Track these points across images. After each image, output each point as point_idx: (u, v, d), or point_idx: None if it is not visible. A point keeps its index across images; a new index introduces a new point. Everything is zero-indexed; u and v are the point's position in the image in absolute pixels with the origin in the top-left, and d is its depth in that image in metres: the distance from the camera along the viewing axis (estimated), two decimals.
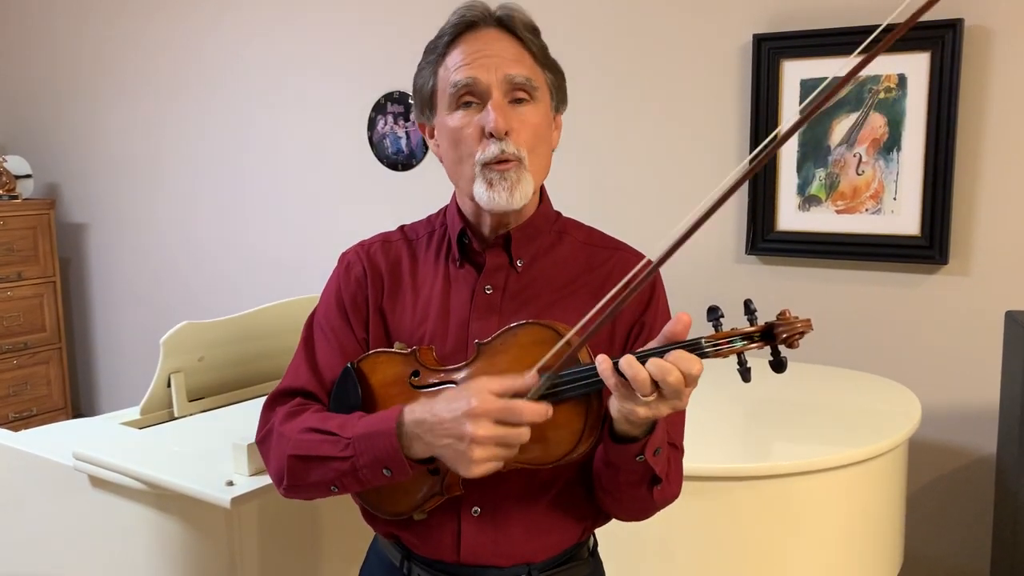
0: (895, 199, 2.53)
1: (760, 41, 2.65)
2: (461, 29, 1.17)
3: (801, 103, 2.62)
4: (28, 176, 4.33)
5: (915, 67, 2.46)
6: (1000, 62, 2.39)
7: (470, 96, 1.15)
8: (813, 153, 2.63)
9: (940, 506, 2.62)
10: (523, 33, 1.18)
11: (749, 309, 1.03)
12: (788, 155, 2.66)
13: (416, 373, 1.17)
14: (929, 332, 2.56)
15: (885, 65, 2.50)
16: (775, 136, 0.88)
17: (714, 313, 1.03)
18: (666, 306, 1.26)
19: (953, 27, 2.38)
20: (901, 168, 2.52)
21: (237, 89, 3.80)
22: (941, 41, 2.40)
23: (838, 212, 2.61)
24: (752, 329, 1.02)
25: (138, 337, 4.34)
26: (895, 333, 2.60)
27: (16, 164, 4.29)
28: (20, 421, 4.16)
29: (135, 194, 4.22)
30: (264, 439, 1.23)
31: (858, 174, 2.58)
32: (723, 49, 2.75)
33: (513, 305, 1.21)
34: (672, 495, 1.20)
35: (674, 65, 2.83)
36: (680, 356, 0.98)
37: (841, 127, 2.58)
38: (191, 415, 2.21)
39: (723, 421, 2.10)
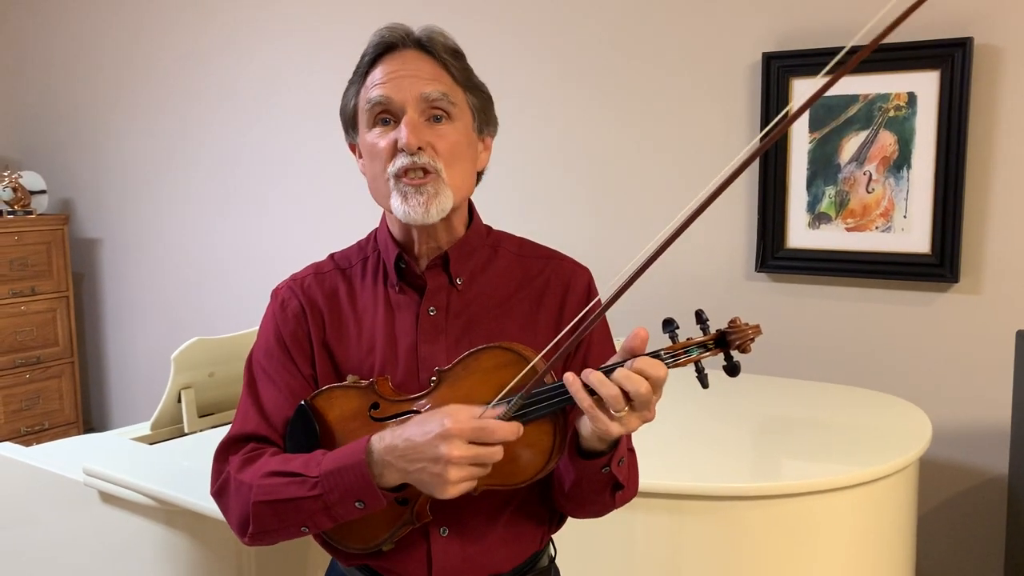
0: (905, 217, 2.53)
1: (769, 59, 2.66)
2: (380, 50, 1.19)
3: (810, 121, 2.62)
4: (43, 192, 4.37)
5: (925, 85, 2.46)
6: (1009, 80, 2.39)
7: (386, 113, 1.16)
8: (823, 171, 2.63)
9: (951, 526, 2.60)
10: (442, 55, 1.18)
11: (701, 319, 1.08)
12: (798, 173, 2.67)
13: (376, 405, 1.15)
14: (940, 351, 2.55)
15: (895, 83, 2.50)
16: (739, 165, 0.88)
17: (670, 326, 1.07)
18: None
19: (962, 46, 2.38)
20: (911, 186, 2.51)
21: (249, 105, 3.84)
22: (951, 59, 2.40)
23: (848, 230, 2.61)
24: (706, 338, 1.07)
25: (150, 352, 4.36)
26: (905, 351, 2.59)
27: (31, 180, 4.33)
28: (32, 435, 4.19)
29: (148, 210, 4.25)
30: (221, 490, 1.19)
31: (868, 192, 2.58)
32: (732, 67, 2.76)
33: (458, 324, 1.21)
34: (631, 496, 1.22)
35: (683, 83, 2.84)
36: (645, 362, 1.01)
37: (851, 145, 2.58)
38: (201, 431, 2.22)
39: (732, 440, 2.10)
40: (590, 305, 1.20)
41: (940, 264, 2.49)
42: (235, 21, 3.82)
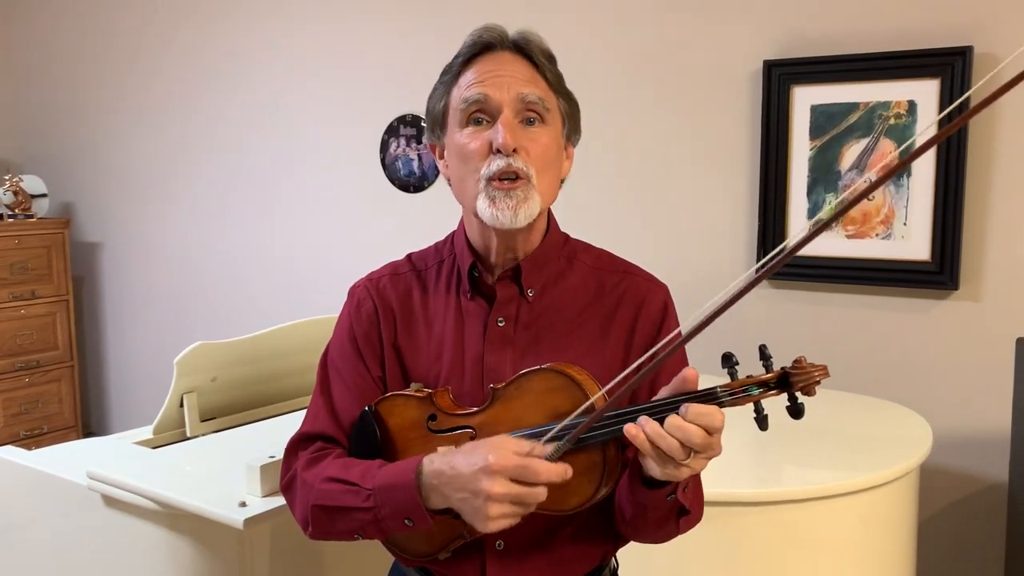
0: (905, 224, 2.54)
1: (771, 67, 2.67)
2: (477, 50, 1.18)
3: (811, 128, 2.64)
4: (43, 195, 4.38)
5: (925, 93, 2.47)
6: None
7: (480, 113, 1.15)
8: (823, 178, 2.64)
9: (952, 533, 2.61)
10: (539, 58, 1.18)
11: (764, 355, 1.02)
12: (799, 180, 2.68)
13: (433, 417, 1.16)
14: (940, 358, 2.56)
15: (895, 91, 2.51)
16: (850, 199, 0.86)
17: (729, 361, 1.02)
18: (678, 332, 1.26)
19: (962, 54, 2.39)
20: (911, 194, 2.52)
21: (251, 111, 3.84)
22: (951, 68, 2.42)
23: (848, 237, 2.62)
24: (768, 377, 1.01)
25: (149, 356, 4.36)
26: (905, 358, 2.60)
27: (32, 183, 4.34)
28: (31, 439, 4.18)
29: (148, 214, 4.26)
30: (288, 485, 1.23)
31: (868, 199, 2.59)
32: (734, 75, 2.77)
33: (526, 336, 1.20)
34: (696, 520, 1.20)
35: (685, 90, 2.86)
36: (699, 413, 0.97)
37: (851, 152, 2.59)
38: (203, 435, 2.22)
39: (733, 446, 2.09)
40: (661, 343, 1.13)
41: (940, 271, 2.50)
42: (237, 25, 3.83)
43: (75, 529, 1.97)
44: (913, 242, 2.54)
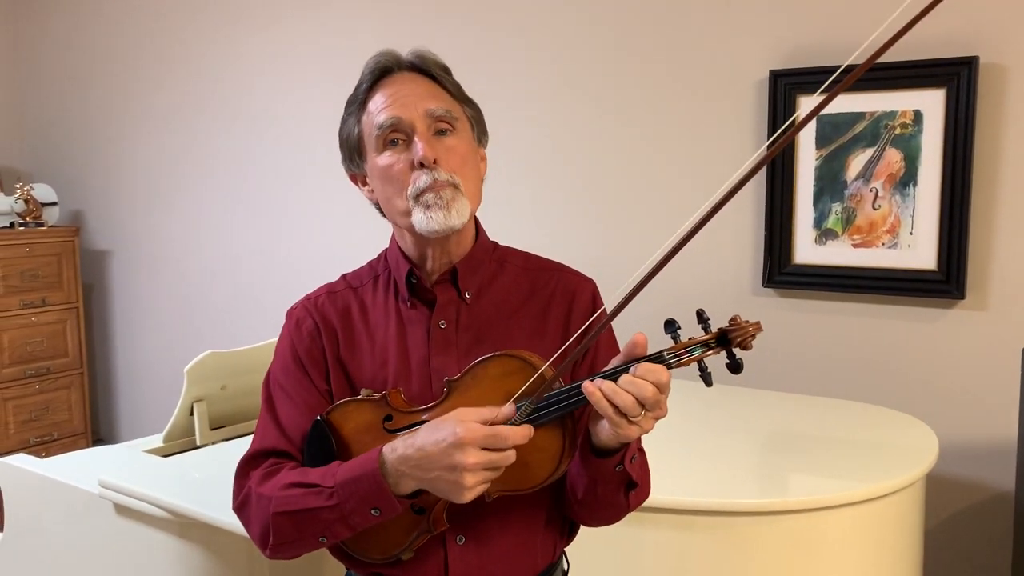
0: (911, 233, 2.55)
1: (777, 77, 2.68)
2: (377, 76, 1.24)
3: (817, 138, 2.65)
4: (54, 204, 4.41)
5: (931, 103, 2.48)
6: (1015, 98, 2.41)
7: (396, 134, 1.20)
8: (830, 187, 2.65)
9: (958, 543, 2.60)
10: (436, 72, 1.25)
11: (702, 318, 1.10)
12: (805, 189, 2.68)
13: (389, 417, 1.18)
14: (946, 367, 2.56)
15: (901, 101, 2.52)
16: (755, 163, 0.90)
17: (672, 326, 1.10)
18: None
19: (968, 64, 2.40)
20: (917, 203, 2.53)
21: (258, 119, 3.87)
22: (956, 78, 2.42)
23: (855, 246, 2.63)
24: (707, 337, 1.10)
25: (158, 363, 4.38)
26: (912, 368, 2.60)
27: (42, 192, 4.37)
28: (41, 446, 4.21)
29: (158, 222, 4.28)
30: (243, 505, 1.22)
31: (874, 208, 2.59)
32: (740, 84, 2.78)
33: (468, 337, 1.25)
34: (644, 497, 1.25)
35: (691, 100, 2.87)
36: (648, 369, 1.05)
37: (857, 162, 2.60)
38: (213, 443, 2.24)
39: (739, 455, 2.11)
40: (597, 313, 1.24)
41: (946, 280, 2.50)
42: (246, 34, 3.86)
43: (86, 537, 1.98)
44: (919, 251, 2.54)
